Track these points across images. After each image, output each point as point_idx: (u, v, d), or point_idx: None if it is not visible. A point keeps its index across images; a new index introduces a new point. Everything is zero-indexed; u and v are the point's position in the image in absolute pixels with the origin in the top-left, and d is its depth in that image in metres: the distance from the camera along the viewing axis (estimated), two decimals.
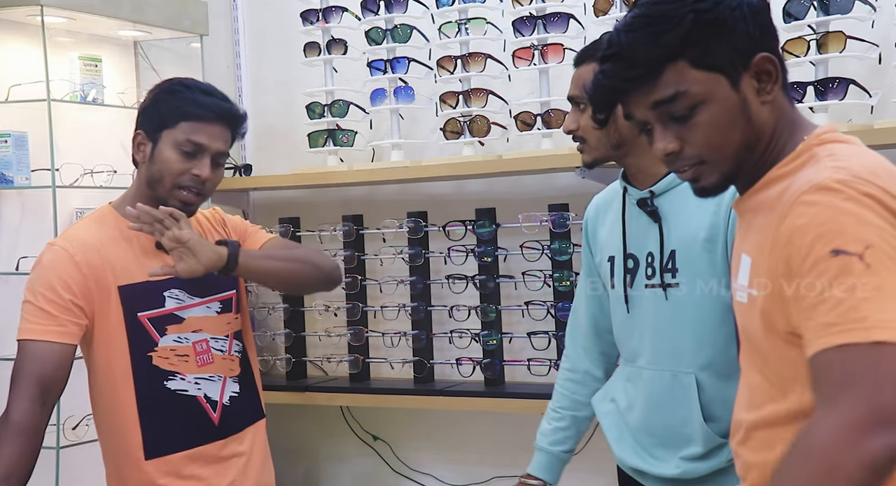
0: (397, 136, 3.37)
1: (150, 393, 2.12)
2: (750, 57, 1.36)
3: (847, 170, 1.26)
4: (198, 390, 2.16)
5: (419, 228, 3.35)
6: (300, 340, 3.64)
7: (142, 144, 2.12)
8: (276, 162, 3.76)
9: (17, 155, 3.18)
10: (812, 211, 1.24)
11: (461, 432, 3.56)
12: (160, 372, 2.12)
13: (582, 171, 3.01)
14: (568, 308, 3.14)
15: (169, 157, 2.08)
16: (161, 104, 2.12)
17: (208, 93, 2.15)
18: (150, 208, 2.05)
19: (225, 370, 2.21)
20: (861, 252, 1.17)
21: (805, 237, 1.23)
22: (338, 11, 3.43)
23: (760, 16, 1.38)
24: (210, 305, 2.20)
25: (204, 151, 2.10)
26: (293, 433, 3.86)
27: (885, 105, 2.73)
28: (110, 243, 2.12)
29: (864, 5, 2.66)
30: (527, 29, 3.10)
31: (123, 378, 2.11)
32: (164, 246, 2.06)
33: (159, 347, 2.12)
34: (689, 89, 1.35)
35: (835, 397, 1.14)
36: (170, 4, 3.51)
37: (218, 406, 2.19)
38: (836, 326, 1.17)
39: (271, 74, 3.86)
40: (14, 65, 3.31)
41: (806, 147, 1.37)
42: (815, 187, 1.25)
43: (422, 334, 3.39)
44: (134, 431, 2.12)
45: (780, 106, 1.41)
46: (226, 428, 2.20)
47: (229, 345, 2.22)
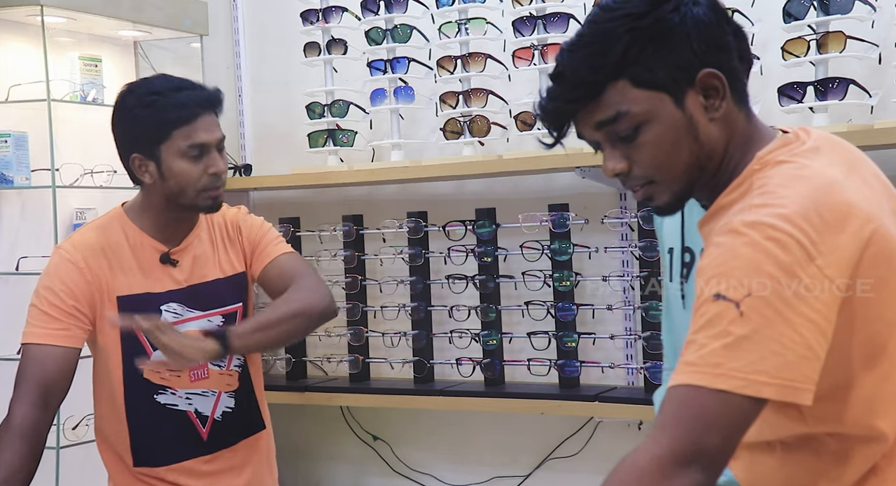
0: (397, 136, 3.37)
1: (139, 405, 2.11)
2: (694, 73, 1.31)
3: (766, 209, 1.22)
4: (188, 404, 2.14)
5: (419, 228, 3.35)
6: (300, 340, 3.64)
7: (142, 166, 2.06)
8: (276, 162, 3.76)
9: (17, 155, 3.18)
10: (715, 252, 1.24)
11: (461, 432, 3.56)
12: (150, 386, 2.11)
13: (582, 171, 3.01)
14: (568, 308, 3.16)
15: (182, 168, 2.03)
16: (144, 121, 2.04)
17: (179, 88, 2.06)
18: (135, 322, 1.95)
19: (221, 385, 2.18)
20: (739, 299, 1.18)
21: (701, 277, 1.24)
22: (338, 11, 3.43)
23: (708, 29, 1.31)
24: (212, 318, 2.17)
25: (209, 147, 2.06)
26: (293, 433, 3.86)
27: (885, 105, 2.73)
28: (116, 251, 2.10)
29: (864, 5, 2.66)
30: (527, 29, 3.10)
31: (114, 388, 2.11)
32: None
33: (151, 360, 2.09)
34: (631, 109, 1.32)
35: (664, 428, 1.19)
36: (170, 4, 3.51)
37: (208, 421, 2.16)
38: (693, 365, 1.19)
39: (271, 74, 3.86)
40: (14, 65, 3.31)
41: (748, 173, 1.32)
42: (725, 229, 1.25)
43: (422, 334, 3.39)
44: (123, 438, 2.12)
45: (732, 121, 1.35)
46: (215, 443, 2.18)
47: (228, 360, 2.19)
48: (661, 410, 1.23)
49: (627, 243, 3.11)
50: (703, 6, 1.32)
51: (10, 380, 2.05)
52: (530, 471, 3.43)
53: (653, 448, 1.18)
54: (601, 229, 3.13)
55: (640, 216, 2.96)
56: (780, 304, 1.17)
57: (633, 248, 3.04)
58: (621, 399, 3.04)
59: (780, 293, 1.17)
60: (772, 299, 1.17)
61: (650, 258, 2.97)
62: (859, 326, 1.24)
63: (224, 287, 2.20)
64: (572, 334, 3.14)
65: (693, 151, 1.34)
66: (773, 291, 1.17)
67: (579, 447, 3.32)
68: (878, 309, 1.24)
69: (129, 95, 2.09)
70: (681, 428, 1.17)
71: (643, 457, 1.19)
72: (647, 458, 1.18)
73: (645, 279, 2.99)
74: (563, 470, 3.37)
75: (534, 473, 3.43)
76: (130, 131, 2.06)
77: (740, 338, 1.17)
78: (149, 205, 2.13)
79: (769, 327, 1.17)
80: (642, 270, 3.01)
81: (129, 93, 2.09)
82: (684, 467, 1.16)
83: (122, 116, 2.08)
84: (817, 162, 1.30)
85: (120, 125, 2.09)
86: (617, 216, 3.07)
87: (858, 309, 1.23)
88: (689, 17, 1.30)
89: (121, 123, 2.09)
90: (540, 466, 3.41)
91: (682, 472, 1.16)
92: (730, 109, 1.35)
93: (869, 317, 1.24)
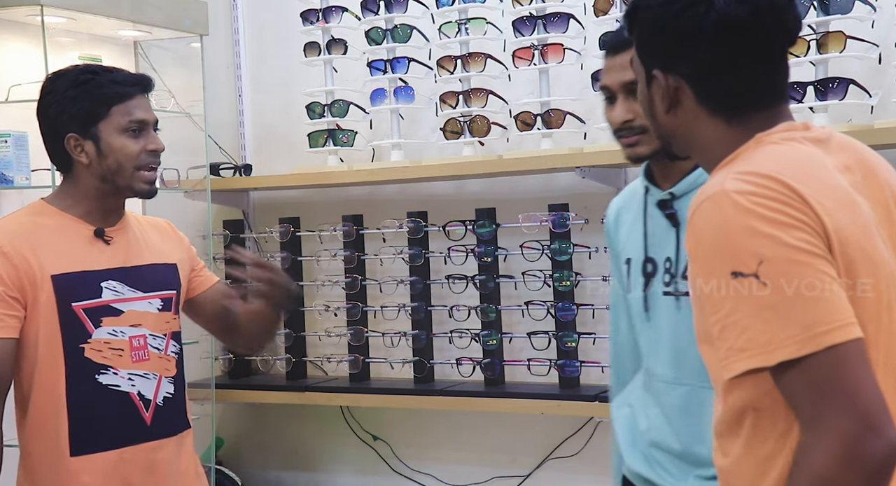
0: (397, 136, 3.37)
1: (80, 387, 2.05)
2: (650, 68, 1.39)
3: (746, 174, 1.25)
4: (131, 386, 2.09)
5: (419, 228, 3.35)
6: (300, 340, 3.64)
7: (78, 146, 2.05)
8: (276, 162, 3.76)
9: (17, 155, 3.18)
10: (708, 226, 1.25)
11: (461, 432, 3.56)
12: (92, 365, 2.05)
13: (582, 171, 3.02)
14: (568, 308, 3.16)
15: (122, 144, 2.04)
16: (80, 99, 2.05)
17: (110, 70, 2.11)
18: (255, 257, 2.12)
19: (161, 369, 2.14)
20: (755, 270, 1.19)
21: (697, 257, 1.26)
22: (338, 11, 3.43)
23: (686, 38, 1.33)
24: (151, 301, 2.14)
25: (146, 125, 2.08)
26: (293, 433, 3.86)
27: (885, 105, 2.73)
28: (44, 232, 2.06)
29: (864, 5, 2.66)
30: (527, 29, 3.10)
31: (54, 370, 2.04)
32: (255, 292, 2.12)
33: (93, 339, 2.05)
34: (633, 68, 1.46)
35: (816, 419, 1.17)
36: (170, 4, 3.51)
37: (151, 405, 2.12)
38: (744, 351, 1.20)
39: (271, 74, 3.86)
40: (14, 65, 3.31)
41: (743, 149, 1.34)
42: (710, 190, 1.26)
43: (422, 334, 3.39)
44: (61, 426, 2.04)
45: (698, 125, 1.38)
46: (158, 429, 2.13)
47: (166, 344, 2.16)
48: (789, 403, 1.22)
49: None
50: (711, 19, 1.31)
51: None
52: (530, 471, 3.43)
53: (821, 444, 1.16)
54: (601, 229, 3.10)
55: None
56: (791, 255, 1.19)
57: None
58: None
59: (787, 245, 1.19)
60: (782, 254, 1.19)
61: None
62: None
63: (162, 272, 2.19)
64: (572, 334, 3.14)
65: (655, 127, 1.45)
66: (779, 246, 1.19)
67: (579, 447, 3.32)
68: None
69: (59, 79, 2.09)
70: (829, 410, 1.16)
71: (817, 461, 1.16)
72: (823, 460, 1.16)
73: None
74: (563, 470, 3.37)
75: (534, 473, 3.43)
76: (65, 112, 2.06)
77: (775, 305, 1.18)
78: (77, 193, 2.10)
79: (795, 281, 1.18)
80: None
81: (59, 77, 2.10)
82: (860, 443, 1.14)
83: (53, 99, 2.08)
84: (812, 149, 1.33)
85: (52, 107, 2.08)
86: None
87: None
88: (672, 20, 1.34)
89: (53, 105, 2.07)
90: (540, 466, 3.42)
91: (862, 449, 1.14)
92: (695, 114, 1.38)
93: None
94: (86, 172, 2.08)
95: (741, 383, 1.26)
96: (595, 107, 3.21)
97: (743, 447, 1.31)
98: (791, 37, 1.37)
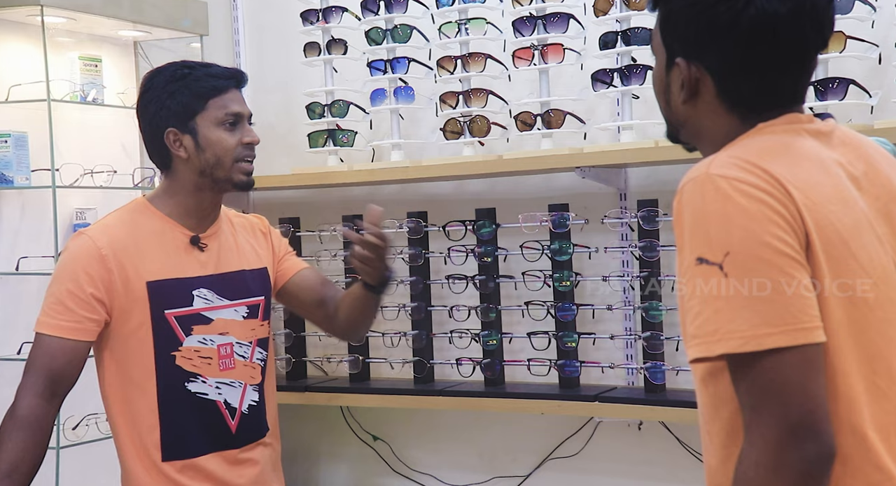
0: (397, 136, 3.37)
1: (170, 394, 2.08)
2: (674, 55, 1.35)
3: (733, 158, 1.24)
4: (218, 394, 2.12)
5: (419, 229, 3.35)
6: (300, 340, 3.64)
7: (177, 141, 2.08)
8: (276, 162, 3.76)
9: (17, 155, 3.18)
10: (688, 209, 1.23)
11: (461, 432, 3.56)
12: (182, 373, 2.08)
13: (582, 171, 3.01)
14: (568, 308, 3.16)
15: (219, 137, 2.08)
16: (179, 94, 2.08)
17: (207, 65, 2.16)
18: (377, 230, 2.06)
19: (246, 377, 2.16)
20: (720, 261, 1.18)
21: (678, 227, 1.25)
22: (338, 11, 3.43)
23: (720, 31, 1.29)
24: (238, 308, 2.16)
25: (242, 118, 2.12)
26: (293, 433, 3.85)
27: (885, 105, 2.73)
28: (143, 237, 2.09)
29: (864, 5, 2.66)
30: (527, 29, 3.10)
31: (145, 377, 2.07)
32: (359, 262, 2.07)
33: (184, 347, 2.08)
34: (651, 44, 1.43)
35: (749, 426, 1.16)
36: (170, 4, 3.51)
37: (237, 414, 2.14)
38: (695, 337, 1.20)
39: (271, 74, 3.86)
40: (14, 65, 3.31)
41: (743, 136, 1.32)
42: (696, 171, 1.25)
43: (422, 334, 3.39)
44: (152, 431, 2.07)
45: (713, 117, 1.35)
46: (242, 437, 2.16)
47: (252, 351, 2.18)
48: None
49: (627, 243, 3.11)
50: (748, 14, 1.27)
51: (10, 379, 2.04)
52: (530, 471, 3.43)
53: (750, 457, 1.16)
54: (601, 229, 3.13)
55: (640, 216, 2.96)
56: (760, 252, 1.17)
57: (633, 248, 3.04)
58: (621, 399, 3.04)
59: (758, 241, 1.17)
60: (751, 250, 1.17)
61: (650, 258, 2.97)
62: None
63: (249, 278, 2.20)
64: (572, 334, 3.14)
65: (667, 112, 1.41)
66: (749, 241, 1.18)
67: (579, 447, 3.32)
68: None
69: (158, 75, 2.13)
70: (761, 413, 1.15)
71: (749, 470, 1.16)
72: (753, 469, 1.15)
73: (645, 279, 2.99)
74: (563, 470, 3.37)
75: (534, 473, 3.43)
76: (163, 107, 2.08)
77: (730, 298, 1.16)
78: (176, 189, 2.13)
79: (757, 279, 1.16)
80: (642, 270, 3.01)
81: (157, 73, 2.14)
82: (787, 447, 1.14)
83: (152, 95, 2.11)
84: (810, 141, 1.31)
85: (151, 104, 2.10)
86: (617, 216, 3.07)
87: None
88: (708, 11, 1.29)
89: (152, 101, 2.10)
90: (540, 466, 3.41)
91: (788, 453, 1.14)
92: (711, 107, 1.35)
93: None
94: (185, 167, 2.11)
95: (717, 374, 1.25)
96: (595, 107, 3.21)
97: (721, 448, 1.29)
98: (824, 40, 1.33)
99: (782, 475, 1.13)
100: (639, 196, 3.07)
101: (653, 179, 3.14)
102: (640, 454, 3.23)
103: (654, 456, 3.20)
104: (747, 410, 1.17)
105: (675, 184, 1.29)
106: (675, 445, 3.14)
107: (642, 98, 3.04)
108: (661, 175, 3.10)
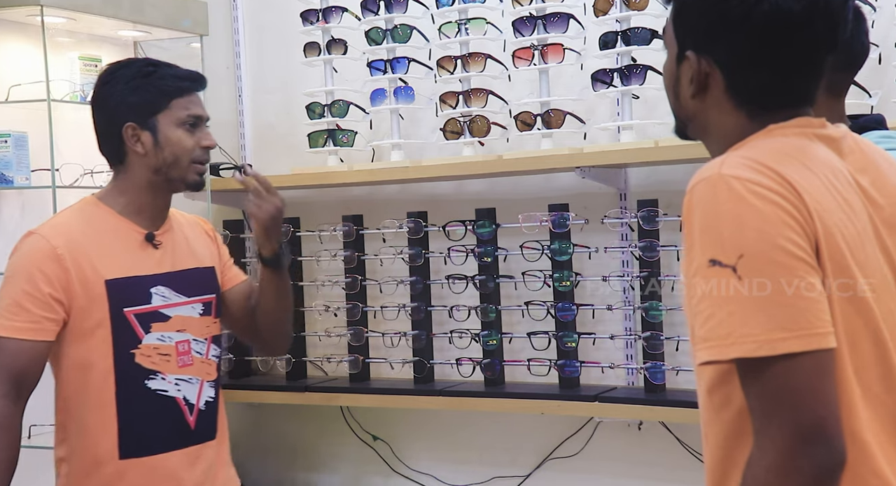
0: (397, 136, 3.37)
1: (129, 391, 2.07)
2: (685, 48, 1.34)
3: (743, 159, 1.23)
4: (177, 391, 2.12)
5: (419, 229, 3.35)
6: (300, 340, 3.64)
7: (136, 136, 2.08)
8: (276, 162, 3.76)
9: (17, 155, 3.18)
10: (699, 210, 1.22)
11: (461, 432, 3.56)
12: (141, 370, 2.08)
13: (582, 171, 3.02)
14: (568, 308, 3.16)
15: (179, 137, 2.08)
16: (142, 90, 2.08)
17: (170, 65, 2.16)
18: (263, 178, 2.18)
19: (202, 374, 2.17)
20: (734, 263, 1.16)
21: (687, 227, 1.23)
22: (338, 11, 3.43)
23: (732, 25, 1.28)
24: (194, 306, 2.17)
25: (201, 121, 2.13)
26: (293, 433, 3.86)
27: (885, 105, 2.73)
28: (98, 235, 2.08)
29: (864, 5, 2.66)
30: (527, 29, 3.10)
31: (103, 375, 2.06)
32: (251, 212, 2.17)
33: (143, 344, 2.08)
34: (664, 36, 1.41)
35: (759, 431, 1.15)
36: (170, 4, 3.51)
37: (195, 410, 2.15)
38: (706, 340, 1.18)
39: (271, 74, 3.86)
40: (14, 65, 3.31)
41: (751, 138, 1.31)
42: (707, 171, 1.23)
43: (422, 334, 3.39)
44: (110, 430, 2.06)
45: (721, 113, 1.34)
46: (201, 433, 2.16)
47: (207, 348, 2.19)
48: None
49: (627, 243, 3.11)
50: (762, 9, 1.26)
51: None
52: (530, 471, 3.43)
53: (760, 463, 1.15)
54: (601, 229, 3.13)
55: (640, 216, 2.96)
56: (774, 254, 1.16)
57: (633, 248, 3.04)
58: (621, 399, 3.04)
59: (772, 243, 1.16)
60: (765, 253, 1.16)
61: (650, 258, 2.97)
62: None
63: (202, 276, 2.21)
64: (572, 334, 3.14)
65: (675, 106, 1.40)
66: (763, 243, 1.16)
67: (579, 447, 3.32)
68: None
69: (120, 69, 2.12)
70: (772, 421, 1.14)
71: (759, 476, 1.15)
72: (763, 475, 1.14)
73: (645, 279, 2.99)
74: (563, 470, 3.37)
75: (534, 473, 3.43)
76: (125, 101, 2.08)
77: (743, 301, 1.15)
78: (128, 186, 2.13)
79: (771, 282, 1.15)
80: (642, 270, 3.01)
81: (120, 67, 2.13)
82: (799, 454, 1.13)
83: (113, 88, 2.10)
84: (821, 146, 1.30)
85: (112, 97, 2.10)
86: (617, 216, 3.07)
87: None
88: (728, 4, 1.28)
89: (113, 94, 2.10)
90: (540, 466, 3.41)
91: (804, 461, 1.12)
92: (719, 102, 1.34)
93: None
94: (139, 164, 2.11)
95: (724, 377, 1.24)
96: (595, 107, 3.21)
97: (719, 448, 1.28)
98: (837, 41, 1.32)
99: (793, 480, 1.12)
100: (639, 196, 3.07)
101: (653, 179, 3.14)
102: (640, 454, 3.23)
103: (654, 456, 3.20)
104: (757, 414, 1.16)
105: (676, 184, 1.29)
106: (675, 445, 3.14)
107: (642, 98, 3.04)
108: (661, 175, 3.10)
